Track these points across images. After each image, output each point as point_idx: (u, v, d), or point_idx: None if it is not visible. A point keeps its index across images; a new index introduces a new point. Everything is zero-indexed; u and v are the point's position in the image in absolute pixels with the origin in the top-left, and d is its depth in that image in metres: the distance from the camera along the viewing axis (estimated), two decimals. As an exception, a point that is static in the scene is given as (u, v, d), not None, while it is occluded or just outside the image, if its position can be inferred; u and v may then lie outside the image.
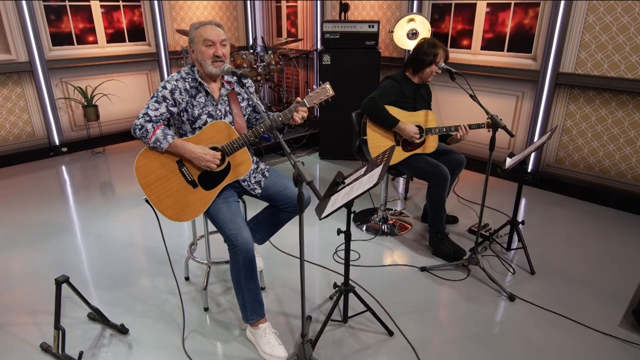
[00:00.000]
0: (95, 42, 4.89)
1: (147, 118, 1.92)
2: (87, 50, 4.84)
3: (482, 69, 4.12)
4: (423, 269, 2.72)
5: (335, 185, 2.02)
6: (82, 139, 4.94)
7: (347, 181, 2.02)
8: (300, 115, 1.97)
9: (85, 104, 4.73)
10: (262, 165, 2.24)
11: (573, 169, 3.80)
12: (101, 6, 4.83)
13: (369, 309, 2.18)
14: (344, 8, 4.60)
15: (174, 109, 1.98)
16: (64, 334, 2.02)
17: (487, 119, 2.68)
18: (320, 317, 2.32)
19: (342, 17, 4.67)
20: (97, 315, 2.21)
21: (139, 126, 1.91)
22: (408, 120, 2.73)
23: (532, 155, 3.97)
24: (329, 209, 1.84)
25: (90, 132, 4.96)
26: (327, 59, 4.26)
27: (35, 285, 2.56)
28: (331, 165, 4.52)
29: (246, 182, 2.14)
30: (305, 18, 5.59)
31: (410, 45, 4.10)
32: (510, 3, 3.85)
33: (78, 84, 4.78)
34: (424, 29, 4.12)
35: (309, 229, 3.23)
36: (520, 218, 3.43)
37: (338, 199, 1.88)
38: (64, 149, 4.82)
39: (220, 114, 2.04)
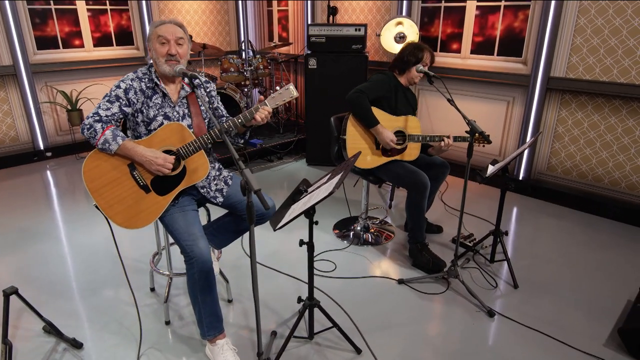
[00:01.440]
0: (82, 46, 4.83)
1: (97, 118, 1.82)
2: (73, 54, 4.78)
3: (471, 74, 4.00)
4: (400, 282, 2.59)
5: (298, 194, 1.92)
6: (67, 144, 4.87)
7: (310, 189, 1.91)
8: (262, 115, 1.86)
9: (70, 108, 4.66)
10: (225, 173, 2.13)
11: (565, 177, 3.66)
12: (88, 10, 4.77)
13: (335, 325, 2.05)
14: (332, 11, 4.51)
15: (128, 109, 1.88)
16: (10, 349, 1.92)
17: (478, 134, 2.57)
18: (287, 332, 2.19)
19: (331, 21, 4.58)
20: (51, 328, 2.11)
21: (87, 126, 1.81)
22: (389, 124, 2.62)
23: (524, 162, 3.84)
24: (286, 219, 1.74)
25: (75, 136, 4.89)
26: (313, 63, 4.16)
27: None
28: (318, 172, 4.41)
29: (205, 189, 2.03)
30: (295, 22, 5.51)
31: (397, 49, 3.99)
32: (500, 5, 3.73)
33: (64, 88, 4.72)
34: (412, 32, 4.01)
35: (286, 237, 3.12)
36: (510, 227, 3.30)
37: (297, 208, 1.77)
38: (49, 154, 4.75)
39: (177, 116, 1.94)
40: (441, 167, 2.85)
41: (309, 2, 5.14)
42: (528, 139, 3.77)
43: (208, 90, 2.04)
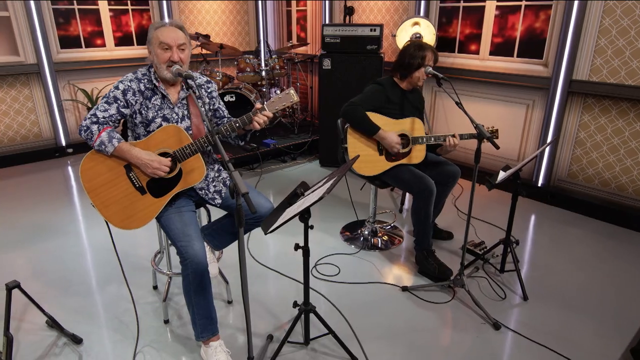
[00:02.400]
0: (103, 45, 4.94)
1: (94, 119, 1.83)
2: (95, 53, 4.90)
3: (490, 76, 3.88)
4: (404, 289, 2.52)
5: (295, 197, 1.88)
6: (88, 141, 4.98)
7: (307, 193, 1.88)
8: (260, 120, 1.83)
9: (90, 106, 4.77)
10: (224, 174, 2.12)
11: (587, 185, 3.50)
12: (110, 10, 4.88)
13: (330, 331, 2.01)
14: (349, 11, 4.46)
15: (126, 111, 1.89)
16: (11, 342, 1.96)
17: (490, 128, 2.48)
18: (282, 336, 2.16)
19: (347, 21, 4.53)
20: (52, 323, 2.15)
21: (84, 127, 1.82)
22: (392, 128, 2.55)
23: (543, 168, 3.69)
24: (278, 222, 1.70)
25: (95, 133, 5.00)
26: (327, 64, 4.12)
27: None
28: (330, 173, 4.36)
29: (203, 191, 2.02)
30: (313, 22, 5.48)
31: (413, 49, 3.91)
32: (521, 5, 3.60)
33: (85, 86, 4.84)
34: (429, 33, 3.92)
35: (291, 240, 3.08)
36: (526, 236, 3.18)
37: (290, 212, 1.74)
38: (70, 150, 4.88)
39: (176, 117, 1.93)
40: (452, 172, 2.75)
41: (326, 2, 5.10)
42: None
43: (209, 90, 2.03)
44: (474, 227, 3.26)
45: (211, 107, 2.04)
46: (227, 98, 4.47)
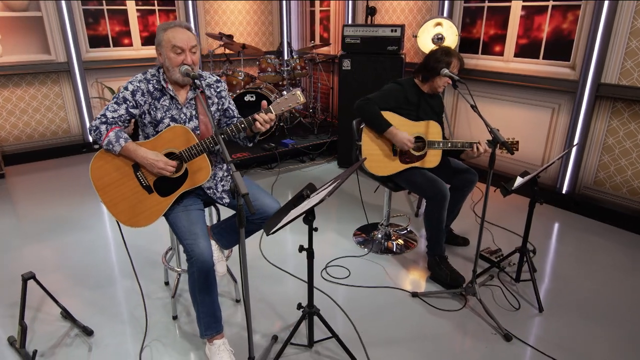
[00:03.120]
0: (131, 44, 5.08)
1: (103, 119, 1.88)
2: (122, 52, 5.03)
3: (514, 78, 3.76)
4: (414, 295, 2.48)
5: (300, 199, 1.87)
6: (114, 137, 5.13)
7: (313, 194, 1.87)
8: (262, 120, 1.83)
9: (116, 103, 4.90)
10: (233, 174, 2.13)
11: (614, 193, 3.34)
12: (137, 10, 5.01)
13: (334, 335, 1.99)
14: (371, 12, 4.42)
15: (135, 111, 1.93)
16: (25, 331, 2.04)
17: (510, 139, 2.40)
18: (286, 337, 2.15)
19: (369, 21, 4.49)
20: (66, 314, 2.22)
21: (94, 127, 1.87)
22: (407, 129, 2.51)
23: (568, 175, 3.55)
24: (281, 223, 1.70)
25: (121, 130, 5.14)
26: (347, 65, 4.10)
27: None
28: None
29: (212, 190, 2.04)
30: (336, 22, 5.46)
31: (435, 50, 3.83)
32: (548, 5, 3.48)
33: (112, 84, 4.98)
34: (451, 34, 3.84)
35: (304, 240, 3.07)
36: (549, 245, 3.06)
37: (293, 214, 1.73)
38: (96, 147, 5.03)
39: (184, 117, 1.95)
40: (468, 176, 2.68)
41: (349, 2, 5.07)
42: (574, 149, 3.48)
43: (218, 90, 2.05)
44: (492, 233, 3.17)
45: (220, 107, 2.06)
46: (247, 97, 4.51)
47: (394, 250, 2.96)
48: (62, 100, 4.76)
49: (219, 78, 2.08)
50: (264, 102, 1.85)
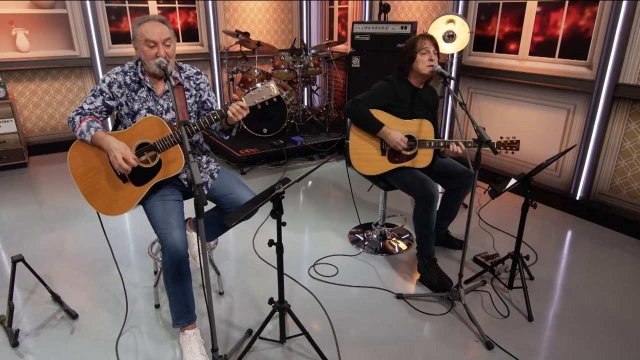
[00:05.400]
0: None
1: (79, 111, 1.94)
2: (143, 49, 5.18)
3: (529, 77, 3.60)
4: (399, 297, 2.41)
5: (271, 192, 1.86)
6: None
7: (284, 187, 1.85)
8: (234, 110, 1.83)
9: (135, 98, 5.07)
10: (212, 166, 2.15)
11: (630, 201, 3.14)
12: (158, 8, 5.15)
13: (304, 332, 1.96)
14: (385, 9, 4.35)
15: (112, 102, 1.98)
16: (12, 310, 2.13)
17: (510, 138, 2.30)
18: (263, 332, 2.15)
19: (382, 19, 4.42)
20: (55, 297, 2.31)
21: (70, 118, 1.94)
22: (398, 128, 2.45)
23: (582, 180, 3.36)
24: (242, 216, 1.69)
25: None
26: (356, 62, 4.05)
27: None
28: (354, 173, 4.28)
29: (188, 182, 2.06)
30: (353, 20, 5.41)
31: (445, 48, 3.73)
32: (565, 1, 3.30)
33: (132, 79, 5.14)
34: (463, 32, 3.72)
35: (298, 235, 3.07)
36: (560, 253, 2.90)
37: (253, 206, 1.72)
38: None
39: (161, 109, 1.99)
40: (464, 177, 2.59)
41: (367, 0, 5.01)
42: (589, 153, 3.29)
43: (198, 82, 2.07)
44: (493, 238, 3.05)
45: (197, 100, 2.08)
46: (258, 94, 4.53)
47: (388, 250, 2.90)
48: (85, 94, 4.96)
49: (199, 71, 2.11)
50: (234, 95, 1.86)
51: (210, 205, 2.21)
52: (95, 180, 1.91)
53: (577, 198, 3.41)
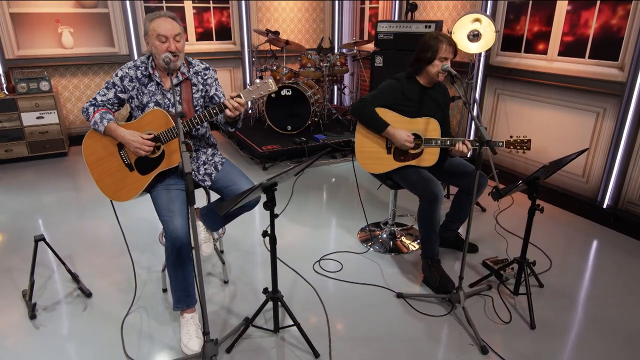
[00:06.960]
0: (186, 39, 5.43)
1: (93, 102, 2.08)
2: (178, 47, 5.40)
3: (557, 79, 3.46)
4: (399, 296, 2.40)
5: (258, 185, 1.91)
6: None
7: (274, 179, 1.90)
8: (231, 105, 1.89)
9: (169, 94, 5.29)
10: (217, 159, 2.23)
11: (661, 211, 2.95)
12: (193, 7, 5.35)
13: (295, 323, 2.01)
14: (412, 8, 4.31)
15: (124, 95, 2.10)
16: (32, 285, 2.31)
17: (520, 137, 2.24)
18: (260, 321, 2.21)
19: (409, 17, 4.38)
20: (72, 276, 2.48)
21: (84, 109, 2.07)
22: (404, 127, 2.44)
23: (610, 188, 3.20)
24: (232, 206, 1.75)
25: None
26: (379, 61, 4.04)
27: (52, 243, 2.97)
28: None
29: (193, 172, 2.15)
30: (383, 19, 5.39)
31: (470, 47, 3.65)
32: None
33: (167, 76, 5.37)
34: (489, 31, 3.62)
35: (305, 231, 3.12)
36: (586, 262, 2.78)
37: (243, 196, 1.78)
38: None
39: (168, 102, 2.09)
40: (478, 181, 2.53)
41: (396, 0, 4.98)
42: (619, 158, 3.13)
43: (205, 77, 2.16)
44: (507, 242, 2.97)
45: (204, 94, 2.17)
46: (283, 92, 4.62)
47: (399, 250, 2.89)
48: (123, 89, 5.23)
49: (208, 66, 2.20)
50: (232, 94, 1.92)
51: (214, 196, 2.32)
52: (106, 167, 2.04)
53: (604, 206, 3.24)
